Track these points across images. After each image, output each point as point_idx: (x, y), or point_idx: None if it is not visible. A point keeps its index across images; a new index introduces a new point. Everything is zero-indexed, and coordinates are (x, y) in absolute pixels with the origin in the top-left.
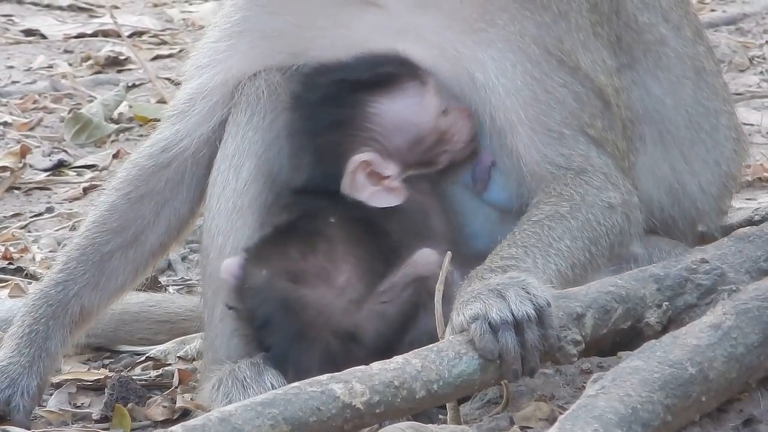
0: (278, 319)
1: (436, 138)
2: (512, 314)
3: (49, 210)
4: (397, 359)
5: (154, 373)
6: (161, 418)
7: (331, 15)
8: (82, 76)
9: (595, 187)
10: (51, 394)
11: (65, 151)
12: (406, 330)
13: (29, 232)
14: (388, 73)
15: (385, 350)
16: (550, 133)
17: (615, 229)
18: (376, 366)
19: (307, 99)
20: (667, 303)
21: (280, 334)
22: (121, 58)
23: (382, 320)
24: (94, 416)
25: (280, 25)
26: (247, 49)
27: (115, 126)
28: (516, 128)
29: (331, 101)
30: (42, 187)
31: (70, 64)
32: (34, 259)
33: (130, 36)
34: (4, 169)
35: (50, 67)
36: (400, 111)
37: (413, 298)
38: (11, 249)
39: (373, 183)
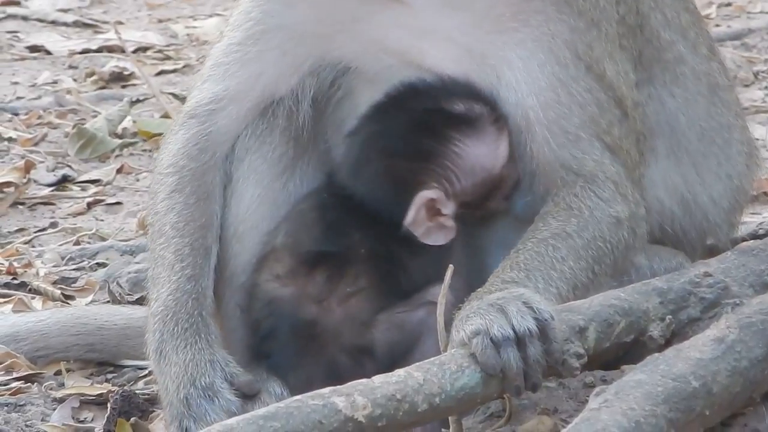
0: (284, 332)
1: (496, 185)
2: (513, 330)
3: (53, 225)
4: (399, 372)
5: (156, 388)
6: None
7: (351, 9)
8: (86, 92)
9: (604, 200)
10: (54, 409)
11: (69, 166)
12: (413, 351)
13: (33, 247)
14: (476, 111)
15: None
16: (566, 134)
17: (620, 245)
18: (378, 379)
19: (395, 117)
20: (670, 316)
21: (283, 347)
22: (126, 73)
23: (392, 336)
24: (97, 431)
25: (300, 20)
26: (277, 55)
27: (119, 141)
28: (533, 127)
29: (421, 129)
30: (46, 202)
31: (74, 80)
32: (37, 274)
33: (134, 51)
34: (8, 184)
35: (55, 82)
36: (479, 155)
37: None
38: (15, 264)
39: (429, 219)
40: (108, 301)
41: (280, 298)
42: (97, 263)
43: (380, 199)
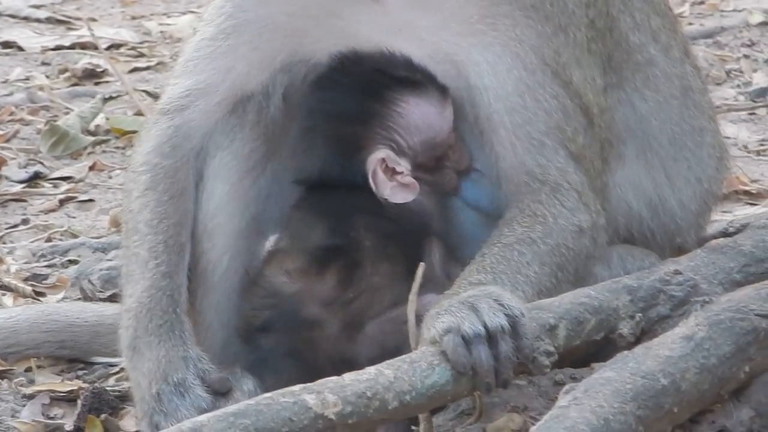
0: (281, 329)
1: (445, 149)
2: (485, 327)
3: (25, 222)
4: (370, 370)
5: (127, 384)
6: (134, 429)
7: (324, 5)
8: (59, 88)
9: (568, 209)
10: (24, 406)
11: (41, 163)
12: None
13: (4, 243)
14: (418, 77)
15: None
16: (530, 140)
17: (582, 253)
18: (348, 377)
19: (338, 81)
20: (640, 314)
21: (275, 344)
22: (99, 70)
23: (376, 350)
24: (68, 427)
25: (272, 15)
26: (247, 50)
27: (92, 138)
28: (498, 132)
29: (363, 91)
30: (18, 199)
31: (47, 77)
32: (9, 270)
33: (107, 48)
34: None
35: (27, 79)
36: (424, 114)
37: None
38: None
39: (389, 179)
40: (79, 298)
41: (286, 295)
42: (68, 260)
43: (342, 165)
